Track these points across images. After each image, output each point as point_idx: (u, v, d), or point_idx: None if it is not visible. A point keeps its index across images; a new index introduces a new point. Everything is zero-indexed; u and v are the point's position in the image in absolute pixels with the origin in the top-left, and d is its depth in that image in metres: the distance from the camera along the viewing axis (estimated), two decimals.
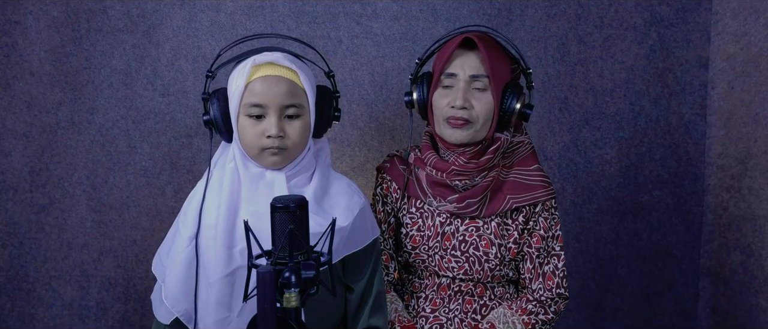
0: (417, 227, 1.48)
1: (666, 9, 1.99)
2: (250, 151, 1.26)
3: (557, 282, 1.44)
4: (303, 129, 1.26)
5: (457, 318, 1.45)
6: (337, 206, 1.28)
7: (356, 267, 1.33)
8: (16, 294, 1.89)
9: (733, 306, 2.02)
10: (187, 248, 1.24)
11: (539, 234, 1.44)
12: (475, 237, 1.43)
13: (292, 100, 1.23)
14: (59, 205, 1.87)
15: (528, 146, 1.50)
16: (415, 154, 1.50)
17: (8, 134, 1.83)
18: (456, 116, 1.38)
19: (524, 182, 1.45)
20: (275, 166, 1.26)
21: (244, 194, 1.25)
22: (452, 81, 1.40)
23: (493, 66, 1.37)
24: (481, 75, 1.38)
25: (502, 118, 1.41)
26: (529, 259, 1.45)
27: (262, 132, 1.23)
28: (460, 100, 1.37)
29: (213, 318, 1.22)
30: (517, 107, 1.40)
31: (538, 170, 1.47)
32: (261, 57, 1.24)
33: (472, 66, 1.38)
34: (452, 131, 1.39)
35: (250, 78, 1.23)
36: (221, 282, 1.20)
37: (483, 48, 1.36)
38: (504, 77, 1.41)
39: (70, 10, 1.82)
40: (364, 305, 1.34)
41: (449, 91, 1.40)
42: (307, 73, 1.28)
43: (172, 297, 1.24)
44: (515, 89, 1.41)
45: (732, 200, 2.00)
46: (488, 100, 1.39)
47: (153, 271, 1.34)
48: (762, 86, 1.89)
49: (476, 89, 1.39)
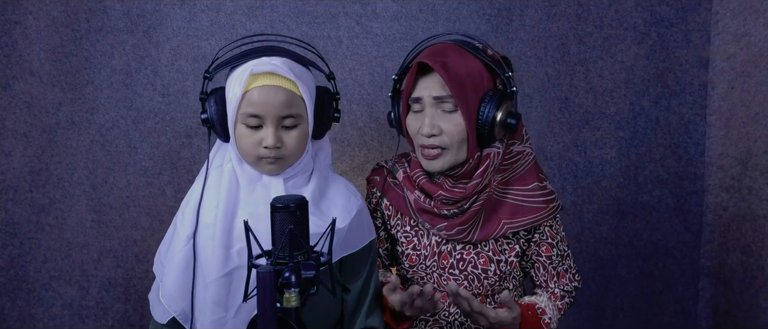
0: (412, 246, 1.44)
1: (666, 9, 1.99)
2: (246, 158, 1.25)
3: (570, 277, 1.46)
4: (300, 138, 1.24)
5: (457, 322, 1.44)
6: (334, 208, 1.27)
7: (353, 267, 1.33)
8: (16, 294, 1.89)
9: (733, 306, 2.02)
10: (184, 247, 1.24)
11: (548, 244, 1.42)
12: (473, 255, 1.39)
13: (290, 110, 1.22)
14: (59, 205, 1.87)
15: (528, 158, 1.39)
16: (404, 170, 1.43)
17: (8, 134, 1.83)
18: (426, 145, 1.31)
19: (521, 205, 1.37)
20: (272, 173, 1.26)
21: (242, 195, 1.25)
22: (419, 105, 1.32)
23: (456, 83, 1.26)
24: (444, 96, 1.28)
25: (482, 134, 1.29)
26: (541, 266, 1.44)
27: (259, 142, 1.22)
28: (427, 127, 1.29)
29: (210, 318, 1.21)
30: (497, 118, 1.27)
31: (538, 188, 1.37)
32: (259, 66, 1.21)
33: (435, 88, 1.28)
34: (428, 161, 1.33)
35: (247, 87, 1.21)
36: (218, 282, 1.20)
37: (440, 68, 1.25)
38: (479, 88, 1.29)
39: (70, 10, 1.82)
40: (361, 305, 1.34)
41: (419, 115, 1.32)
42: (306, 80, 1.26)
43: (169, 296, 1.24)
44: (495, 97, 1.28)
45: (732, 200, 2.00)
46: (458, 121, 1.28)
47: (154, 270, 1.34)
48: (762, 86, 1.89)
49: (445, 111, 1.29)
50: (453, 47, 1.31)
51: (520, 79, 1.96)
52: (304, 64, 1.28)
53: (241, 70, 1.22)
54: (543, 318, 1.38)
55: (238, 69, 1.23)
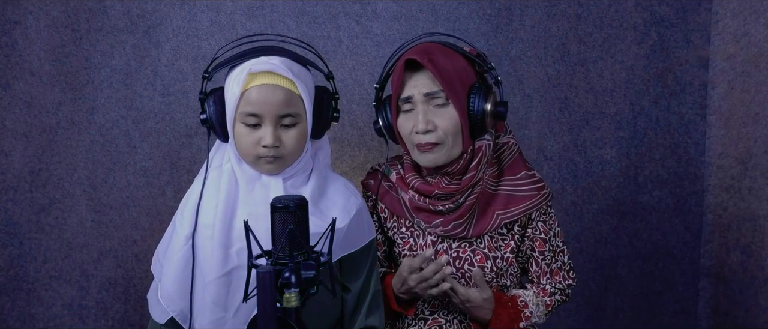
0: (408, 246, 1.45)
1: (666, 9, 1.99)
2: (245, 157, 1.25)
3: (563, 275, 1.47)
4: (299, 137, 1.25)
5: (456, 320, 1.44)
6: (334, 207, 1.27)
7: (353, 267, 1.33)
8: (16, 294, 1.89)
9: (733, 306, 2.02)
10: (183, 247, 1.23)
11: (541, 239, 1.43)
12: (468, 253, 1.40)
13: (288, 109, 1.22)
14: (59, 205, 1.87)
15: (514, 148, 1.43)
16: (398, 172, 1.44)
17: (8, 134, 1.83)
18: (422, 142, 1.32)
19: (514, 195, 1.39)
20: (271, 173, 1.26)
21: (241, 194, 1.25)
22: (410, 104, 1.34)
23: (446, 77, 1.30)
24: (435, 91, 1.31)
25: (474, 125, 1.33)
26: (535, 262, 1.46)
27: (258, 141, 1.22)
28: (422, 124, 1.31)
29: (209, 318, 1.21)
30: (487, 108, 1.31)
31: (527, 176, 1.41)
32: (257, 65, 1.21)
33: (425, 84, 1.31)
34: (424, 155, 1.34)
35: (245, 86, 1.21)
36: (217, 281, 1.20)
37: (428, 63, 1.29)
38: (465, 81, 1.33)
39: (70, 10, 1.82)
40: (361, 305, 1.34)
41: (411, 114, 1.34)
42: (305, 79, 1.26)
43: (168, 296, 1.24)
44: (482, 89, 1.32)
45: (732, 200, 2.00)
46: (451, 114, 1.31)
47: (152, 270, 1.34)
48: (762, 86, 1.89)
49: (436, 106, 1.32)
50: (435, 46, 1.35)
51: (520, 79, 1.97)
52: (302, 63, 1.29)
53: (240, 69, 1.22)
54: (524, 311, 1.40)
55: (237, 69, 1.23)
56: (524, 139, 1.99)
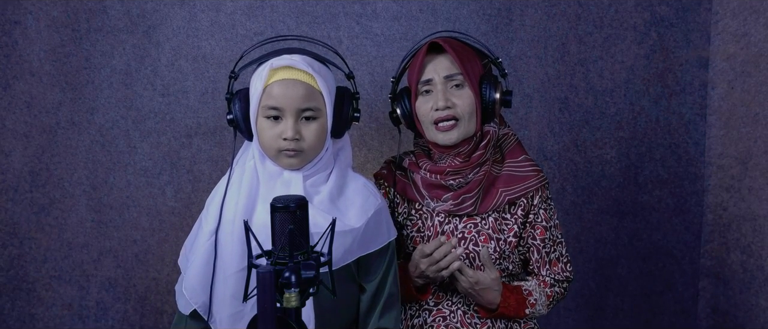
0: (417, 228, 1.51)
1: (666, 9, 1.99)
2: (268, 152, 1.30)
3: (562, 267, 1.54)
4: (319, 131, 1.29)
5: (459, 310, 1.48)
6: (351, 207, 1.31)
7: (369, 267, 1.36)
8: (16, 294, 1.89)
9: (733, 306, 2.02)
10: (207, 242, 1.29)
11: (542, 226, 1.50)
12: (473, 234, 1.47)
13: (309, 103, 1.27)
14: (59, 205, 1.87)
15: (513, 138, 1.54)
16: (410, 159, 1.54)
17: (8, 134, 1.83)
18: (442, 117, 1.42)
19: (515, 174, 1.49)
20: (292, 167, 1.30)
21: (262, 191, 1.29)
22: (430, 86, 1.44)
23: (464, 62, 1.42)
24: (454, 73, 1.42)
25: (486, 110, 1.45)
26: (535, 251, 1.52)
27: (279, 134, 1.27)
28: (442, 100, 1.40)
29: (228, 311, 1.26)
30: (497, 96, 1.44)
31: (526, 160, 1.51)
32: (279, 61, 1.27)
33: (445, 67, 1.42)
34: (443, 134, 1.43)
35: (267, 81, 1.27)
36: (237, 276, 1.24)
37: (450, 48, 1.41)
38: (477, 71, 1.45)
39: (70, 10, 1.82)
40: (375, 305, 1.36)
41: (430, 96, 1.44)
42: (325, 76, 1.31)
43: (192, 288, 1.30)
44: (490, 79, 1.45)
45: (732, 200, 2.00)
46: (468, 94, 1.42)
47: (179, 263, 1.40)
48: (762, 86, 1.89)
49: (454, 87, 1.43)
50: (450, 39, 1.47)
51: (520, 79, 1.97)
52: (323, 62, 1.34)
53: (262, 67, 1.29)
54: (529, 298, 1.48)
55: (260, 67, 1.30)
56: (524, 139, 1.98)
